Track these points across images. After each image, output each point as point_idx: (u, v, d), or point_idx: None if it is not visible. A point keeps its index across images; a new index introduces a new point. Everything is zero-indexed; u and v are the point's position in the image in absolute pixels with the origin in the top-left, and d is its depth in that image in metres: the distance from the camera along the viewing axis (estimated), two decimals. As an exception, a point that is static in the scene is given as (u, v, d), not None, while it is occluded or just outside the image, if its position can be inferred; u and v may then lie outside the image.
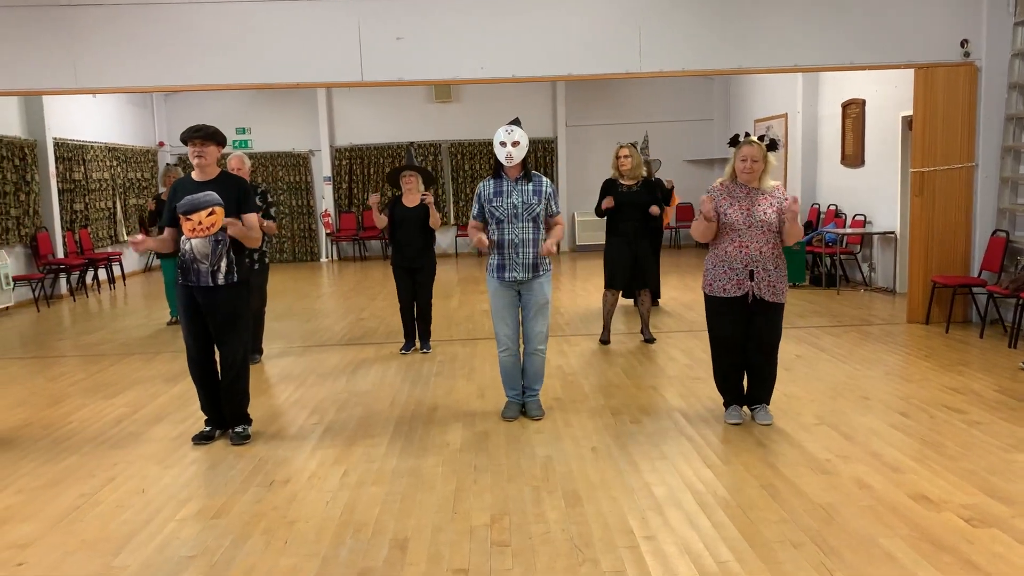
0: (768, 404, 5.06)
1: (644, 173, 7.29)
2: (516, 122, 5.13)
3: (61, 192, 12.16)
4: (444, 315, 9.13)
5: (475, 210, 5.19)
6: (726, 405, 5.12)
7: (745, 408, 5.11)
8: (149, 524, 3.79)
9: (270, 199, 6.96)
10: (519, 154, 5.01)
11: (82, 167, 12.82)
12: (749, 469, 4.25)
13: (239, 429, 4.99)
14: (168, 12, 7.31)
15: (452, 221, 16.07)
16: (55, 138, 12.01)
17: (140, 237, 4.81)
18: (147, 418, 5.53)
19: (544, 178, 5.18)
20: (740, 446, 4.60)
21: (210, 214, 4.72)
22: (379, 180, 15.93)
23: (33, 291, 11.04)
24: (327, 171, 15.93)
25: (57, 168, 12.06)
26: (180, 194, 4.82)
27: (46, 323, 9.80)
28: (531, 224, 5.05)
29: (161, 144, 15.69)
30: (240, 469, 4.49)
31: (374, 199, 7.19)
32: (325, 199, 15.99)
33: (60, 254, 11.90)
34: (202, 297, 4.80)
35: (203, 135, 4.78)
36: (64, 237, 12.09)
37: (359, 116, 15.96)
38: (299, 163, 16.03)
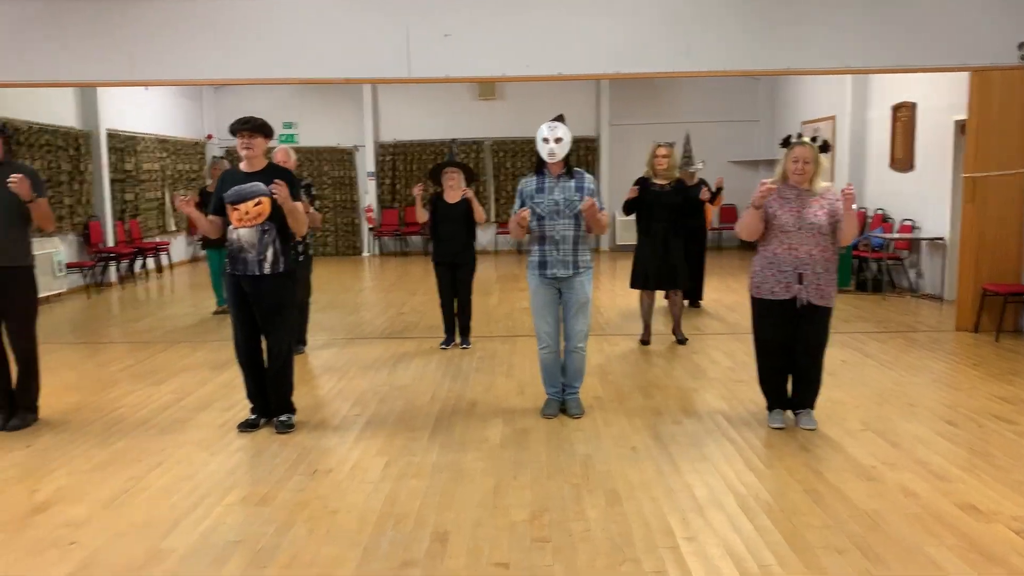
0: (813, 409, 5.00)
1: (678, 175, 7.22)
2: (560, 118, 5.13)
3: (112, 182, 12.43)
4: (483, 312, 9.15)
5: (517, 206, 5.18)
6: (769, 408, 5.07)
7: (789, 412, 5.05)
8: (196, 509, 3.87)
9: (314, 192, 7.04)
10: (562, 150, 5.00)
11: (133, 158, 13.09)
12: (792, 473, 4.20)
13: (283, 418, 5.06)
14: (221, 6, 7.42)
15: (492, 219, 16.11)
16: (108, 129, 12.29)
17: (189, 198, 4.91)
18: (194, 405, 5.64)
19: (587, 175, 5.16)
20: (783, 450, 4.56)
21: (257, 204, 4.82)
22: (421, 176, 16.01)
23: (84, 278, 11.32)
24: (371, 166, 16.07)
25: (109, 158, 12.33)
26: (228, 184, 4.92)
27: (96, 309, 10.03)
28: (573, 221, 5.03)
29: (209, 137, 15.95)
30: (284, 458, 4.55)
31: (418, 189, 7.25)
32: (368, 194, 16.13)
33: (110, 243, 12.17)
34: (249, 286, 4.88)
35: (251, 127, 4.86)
36: (114, 226, 12.36)
37: (403, 112, 16.07)
38: (344, 158, 16.18)
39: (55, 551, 3.44)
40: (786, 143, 4.85)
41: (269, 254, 4.86)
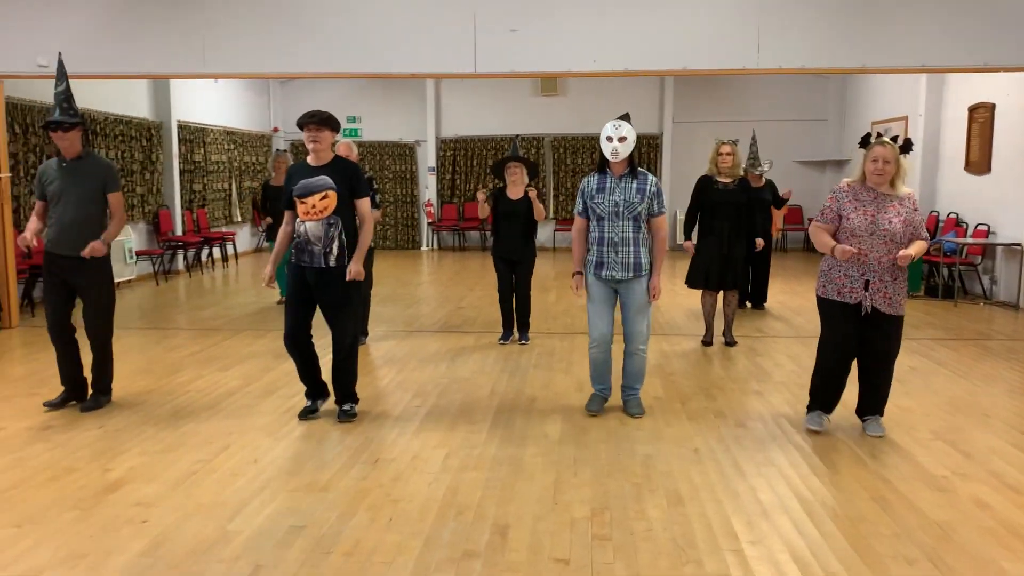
0: (881, 416, 4.88)
1: (741, 173, 7.10)
2: (625, 117, 5.03)
3: (182, 172, 12.76)
4: (542, 309, 9.15)
5: (579, 206, 5.11)
6: (809, 409, 4.95)
7: (824, 417, 4.94)
8: (261, 493, 3.94)
9: (376, 186, 7.11)
10: (625, 150, 4.90)
11: (202, 149, 13.41)
12: (859, 481, 4.10)
13: (346, 407, 5.13)
14: (289, 1, 7.55)
15: (552, 215, 16.09)
16: (179, 121, 12.61)
17: (269, 276, 5.08)
18: (258, 391, 5.75)
19: (651, 176, 5.06)
20: (850, 457, 4.45)
21: (323, 198, 4.86)
22: (482, 172, 16.10)
23: (153, 266, 11.64)
24: (432, 161, 16.18)
25: (180, 149, 12.65)
26: (296, 178, 4.96)
27: (164, 296, 10.30)
28: (632, 223, 4.95)
29: (276, 129, 16.25)
30: (346, 446, 4.62)
31: (482, 195, 7.23)
32: (428, 189, 16.25)
33: (179, 232, 12.49)
34: (314, 278, 4.94)
35: (318, 120, 4.87)
36: (183, 216, 12.69)
37: (465, 108, 16.14)
38: (405, 153, 16.33)
39: (128, 528, 3.54)
40: (865, 142, 4.68)
41: (335, 247, 4.90)
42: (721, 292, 7.21)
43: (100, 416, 5.16)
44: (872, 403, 4.84)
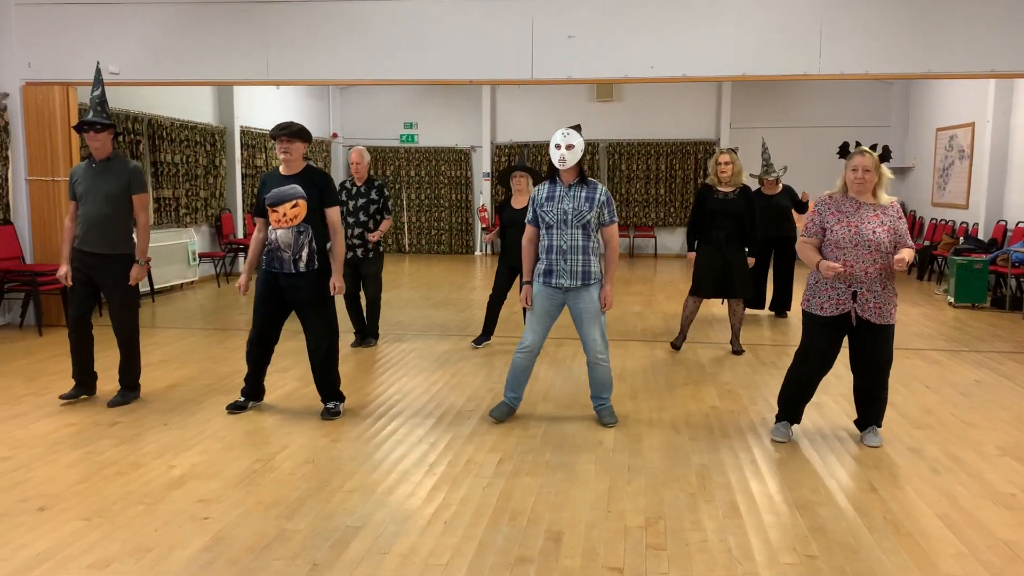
0: (880, 427, 4.82)
1: (743, 181, 7.04)
2: (575, 128, 5.06)
3: (244, 176, 13.05)
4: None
5: (529, 214, 5.13)
6: (777, 419, 4.92)
7: (790, 428, 4.91)
8: (318, 492, 4.01)
9: (387, 193, 7.28)
10: (572, 158, 4.92)
11: (263, 154, 13.70)
12: (922, 497, 4.00)
13: (331, 405, 5.30)
14: (351, 8, 7.68)
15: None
16: (242, 126, 12.90)
17: (243, 285, 5.34)
18: (316, 393, 5.83)
19: (600, 185, 5.06)
20: (912, 472, 4.34)
21: (293, 206, 5.03)
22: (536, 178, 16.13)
23: (215, 267, 11.92)
24: (487, 167, 16.27)
25: (242, 154, 12.95)
26: (268, 187, 5.14)
27: (225, 298, 10.54)
28: (580, 231, 4.95)
29: (335, 135, 16.51)
30: (401, 450, 4.66)
31: (488, 238, 7.35)
32: (483, 194, 16.34)
33: (240, 234, 12.77)
34: (285, 283, 5.13)
35: (289, 132, 5.05)
36: (244, 219, 12.97)
37: (520, 113, 16.21)
38: (460, 158, 16.45)
39: (191, 524, 3.64)
40: (844, 152, 4.61)
41: (304, 254, 5.07)
42: (726, 301, 7.15)
43: (164, 414, 5.30)
44: (871, 415, 4.81)
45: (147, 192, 5.53)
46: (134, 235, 5.53)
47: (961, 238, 11.49)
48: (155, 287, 10.10)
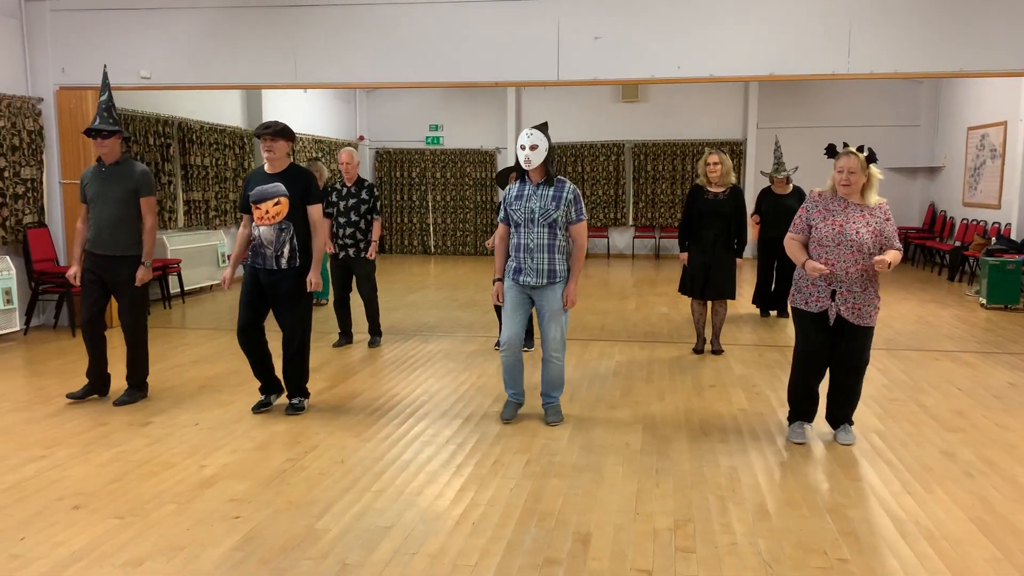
0: (852, 424, 4.83)
1: (733, 181, 7.01)
2: (540, 127, 5.09)
3: (271, 180, 13.14)
4: (621, 317, 9.12)
5: (501, 213, 5.20)
6: (790, 420, 4.93)
7: (805, 427, 4.89)
8: (348, 492, 4.04)
9: (376, 193, 7.42)
10: (536, 158, 4.97)
11: (291, 157, 13.77)
12: (956, 500, 3.95)
13: (295, 401, 5.41)
14: (377, 12, 7.72)
15: (631, 222, 16.00)
16: (269, 129, 12.99)
17: (226, 280, 5.40)
18: (343, 393, 5.89)
19: (568, 184, 5.09)
20: (944, 475, 4.29)
21: (276, 204, 5.13)
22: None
23: (244, 269, 12.01)
24: (512, 168, 16.26)
25: (269, 157, 13.04)
26: (252, 184, 5.24)
27: (253, 299, 10.61)
28: (547, 230, 4.99)
29: (361, 138, 16.60)
30: (430, 450, 4.68)
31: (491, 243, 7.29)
32: (508, 195, 16.33)
33: (267, 237, 12.86)
34: (266, 278, 5.22)
35: (273, 132, 5.16)
36: (272, 221, 13.05)
37: (545, 115, 16.08)
38: (485, 160, 16.48)
39: (222, 523, 3.68)
40: (831, 153, 4.62)
41: (286, 250, 5.17)
42: (709, 301, 7.17)
43: (195, 414, 5.36)
44: (842, 412, 4.83)
45: (155, 195, 5.65)
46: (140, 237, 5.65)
47: (993, 238, 11.32)
48: (185, 288, 10.22)
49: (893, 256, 4.38)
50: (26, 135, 8.04)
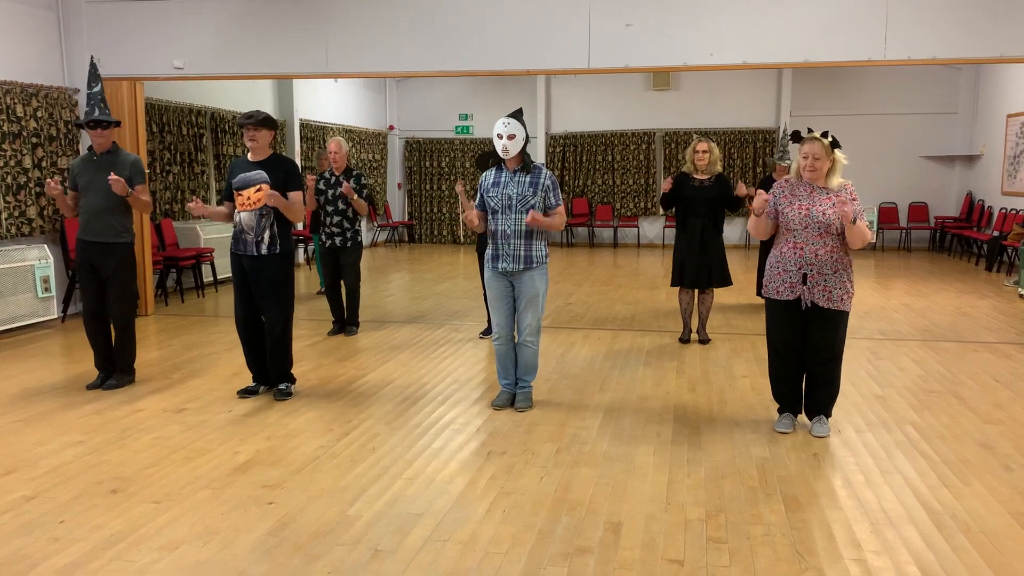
0: (828, 416, 4.76)
1: (719, 170, 6.97)
2: (515, 114, 5.11)
3: (304, 168, 13.23)
4: (651, 307, 9.09)
5: (477, 200, 5.20)
6: (779, 412, 4.90)
7: (792, 419, 4.86)
8: (379, 479, 4.06)
9: (364, 182, 7.47)
10: (514, 147, 4.99)
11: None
12: (994, 494, 3.89)
13: (282, 387, 5.49)
14: (409, 1, 7.72)
15: (661, 212, 15.89)
16: (301, 119, 13.09)
17: (196, 203, 5.32)
18: (374, 381, 5.93)
19: (545, 170, 5.10)
20: (982, 468, 4.22)
21: (257, 191, 5.21)
22: (591, 168, 16.06)
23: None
24: (541, 158, 16.22)
25: (301, 147, 13.14)
26: (235, 172, 5.33)
27: (285, 288, 10.71)
28: (524, 216, 4.99)
29: (391, 127, 16.65)
30: (461, 438, 4.70)
31: (460, 185, 7.16)
32: (538, 184, 16.30)
33: (299, 226, 12.95)
34: (248, 264, 5.29)
35: (255, 121, 5.26)
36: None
37: (575, 103, 16.12)
38: (515, 148, 16.43)
39: (256, 509, 3.72)
40: (797, 138, 4.61)
41: (266, 236, 5.26)
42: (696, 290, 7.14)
43: (228, 401, 5.43)
44: (818, 403, 4.76)
45: (146, 183, 5.76)
46: (133, 225, 5.75)
47: (1033, 228, 11.10)
48: (218, 277, 10.33)
49: (852, 207, 4.35)
50: (63, 126, 8.16)
